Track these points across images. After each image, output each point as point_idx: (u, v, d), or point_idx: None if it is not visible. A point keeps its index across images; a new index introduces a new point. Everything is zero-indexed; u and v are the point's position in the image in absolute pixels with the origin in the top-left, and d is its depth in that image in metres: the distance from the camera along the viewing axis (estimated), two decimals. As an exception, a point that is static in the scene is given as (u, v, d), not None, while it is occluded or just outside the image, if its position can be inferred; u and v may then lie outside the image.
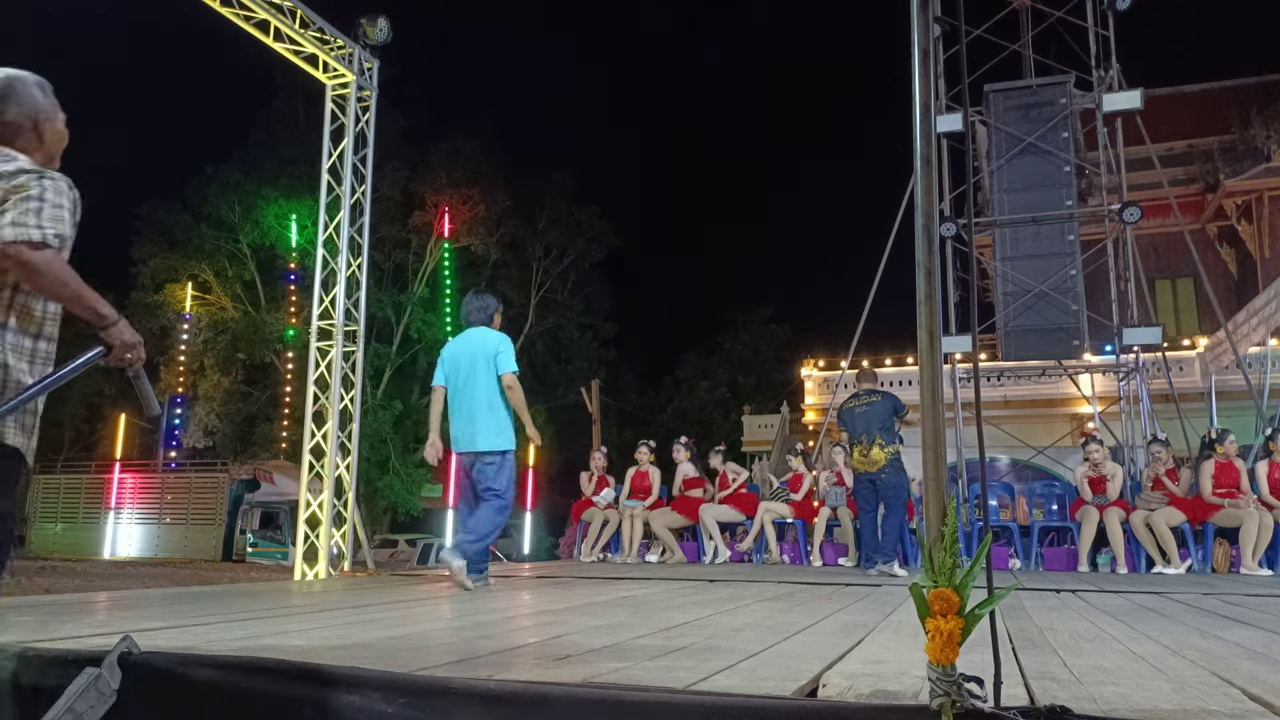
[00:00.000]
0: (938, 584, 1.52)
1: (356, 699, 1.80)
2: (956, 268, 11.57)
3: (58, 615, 3.14)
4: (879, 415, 6.65)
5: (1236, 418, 12.45)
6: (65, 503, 21.31)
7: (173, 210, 24.31)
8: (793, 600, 4.12)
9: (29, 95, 2.38)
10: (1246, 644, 2.70)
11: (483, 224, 24.46)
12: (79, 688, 1.93)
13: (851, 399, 6.99)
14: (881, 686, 1.82)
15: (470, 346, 5.02)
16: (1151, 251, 17.99)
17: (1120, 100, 10.06)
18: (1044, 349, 10.00)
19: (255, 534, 19.68)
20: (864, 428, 6.69)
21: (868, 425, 6.67)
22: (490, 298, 5.20)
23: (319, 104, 7.82)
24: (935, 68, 5.64)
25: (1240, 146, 19.78)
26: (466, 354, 5.00)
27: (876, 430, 6.63)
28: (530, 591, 4.75)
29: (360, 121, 7.71)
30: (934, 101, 2.01)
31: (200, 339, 24.01)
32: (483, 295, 5.21)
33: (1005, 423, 14.86)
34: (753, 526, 8.60)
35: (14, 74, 2.38)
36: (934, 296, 1.91)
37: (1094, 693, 1.82)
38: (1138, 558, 7.35)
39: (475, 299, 5.19)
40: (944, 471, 1.85)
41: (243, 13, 6.81)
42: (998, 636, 1.67)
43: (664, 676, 1.91)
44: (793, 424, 22.69)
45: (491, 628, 2.97)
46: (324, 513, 7.23)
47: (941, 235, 10.50)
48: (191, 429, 23.90)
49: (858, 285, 13.88)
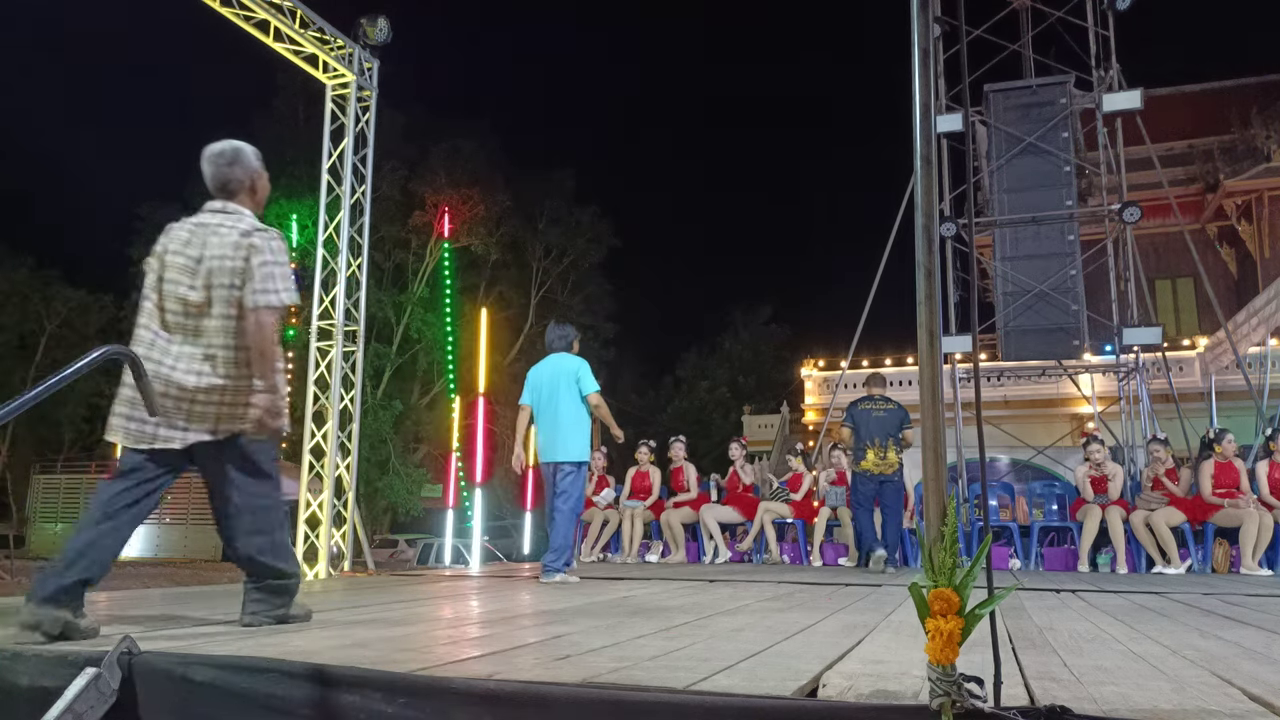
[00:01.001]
0: (938, 584, 1.52)
1: (356, 699, 1.80)
2: (956, 268, 11.57)
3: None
4: (893, 423, 7.05)
5: (1236, 418, 12.45)
6: (65, 503, 21.29)
7: (173, 210, 24.22)
8: (793, 600, 4.12)
9: (249, 159, 3.10)
10: (1246, 644, 2.70)
11: (483, 224, 24.44)
12: (79, 688, 1.94)
13: (866, 400, 7.24)
14: (881, 686, 1.82)
15: (553, 369, 5.69)
16: (1151, 251, 17.98)
17: (1120, 100, 10.06)
18: (1044, 349, 10.00)
19: (255, 534, 19.64)
20: (878, 431, 7.03)
21: (883, 430, 7.03)
22: (570, 327, 5.93)
23: (319, 104, 7.81)
24: (935, 68, 5.64)
25: (1240, 146, 19.78)
26: (550, 376, 5.67)
27: (890, 436, 7.01)
28: (530, 591, 4.76)
29: (360, 121, 7.71)
30: (934, 101, 2.01)
31: (200, 339, 23.99)
32: (563, 325, 5.95)
33: (1005, 423, 14.87)
34: (753, 527, 8.60)
35: (238, 144, 3.11)
36: (934, 296, 1.90)
37: (1094, 693, 1.82)
38: (1138, 558, 7.35)
39: (556, 329, 5.92)
40: (944, 471, 1.84)
41: (243, 13, 6.80)
42: (998, 636, 1.67)
43: (664, 676, 1.90)
44: (793, 424, 22.71)
45: (492, 628, 2.97)
46: (324, 513, 7.23)
47: (941, 235, 10.50)
48: (191, 429, 23.85)
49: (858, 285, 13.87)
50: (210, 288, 2.92)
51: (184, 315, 2.93)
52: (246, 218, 3.03)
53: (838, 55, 76.22)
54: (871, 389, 7.32)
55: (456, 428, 17.45)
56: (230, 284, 2.92)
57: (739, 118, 71.65)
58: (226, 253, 2.94)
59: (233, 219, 3.02)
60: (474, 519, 10.35)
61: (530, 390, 5.77)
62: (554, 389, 5.60)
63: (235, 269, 2.92)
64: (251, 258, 2.90)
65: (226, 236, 2.96)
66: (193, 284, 2.93)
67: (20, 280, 25.18)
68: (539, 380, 5.73)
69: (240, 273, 2.92)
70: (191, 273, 2.94)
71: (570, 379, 5.59)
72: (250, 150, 3.12)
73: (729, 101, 71.62)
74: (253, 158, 3.11)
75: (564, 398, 5.57)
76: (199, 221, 3.03)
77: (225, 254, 2.93)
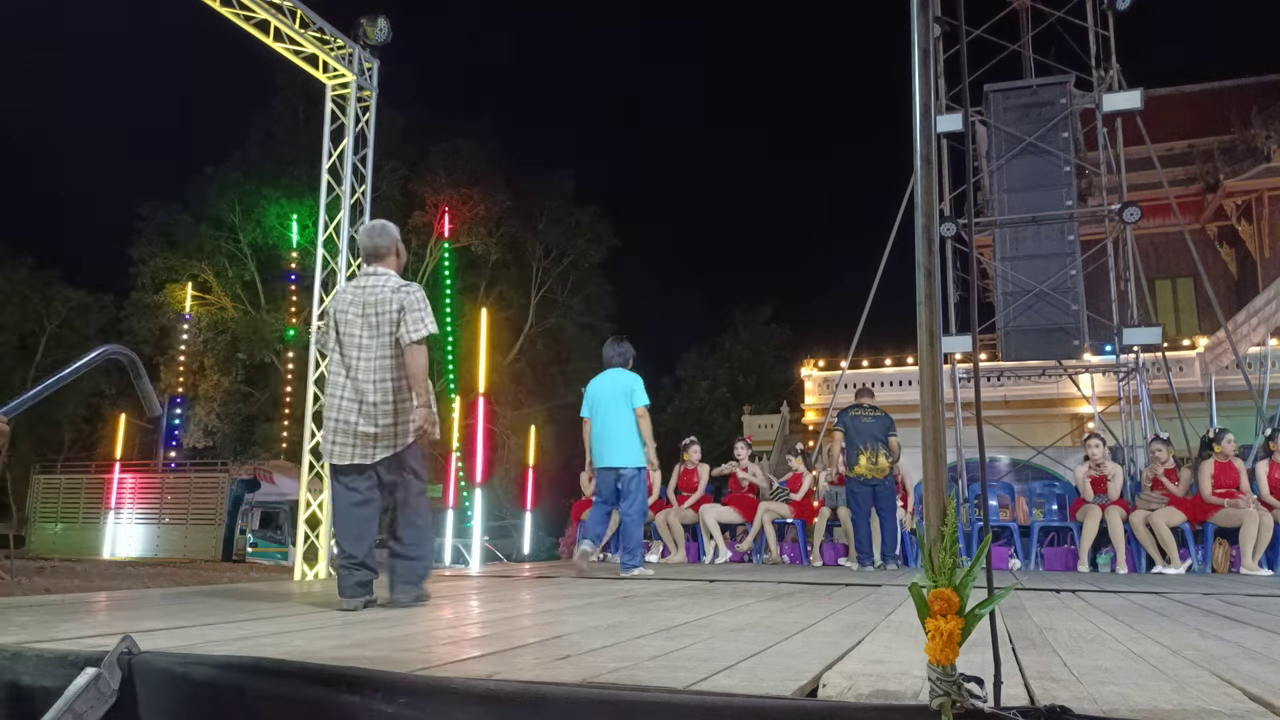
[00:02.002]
0: (938, 584, 1.52)
1: (356, 699, 1.80)
2: (956, 268, 11.57)
3: (58, 615, 3.14)
4: (880, 429, 7.32)
5: (1236, 418, 12.44)
6: (65, 503, 21.28)
7: (173, 210, 24.31)
8: (793, 600, 4.12)
9: (392, 232, 4.02)
10: (1246, 644, 2.70)
11: (483, 224, 24.45)
12: (79, 688, 1.93)
13: (855, 408, 7.51)
14: (881, 686, 1.82)
15: (612, 384, 6.14)
16: (1151, 251, 17.98)
17: (1120, 100, 10.05)
18: (1044, 349, 9.99)
19: (255, 534, 19.65)
20: (868, 435, 7.28)
21: (873, 435, 7.28)
22: (627, 345, 6.32)
23: (319, 104, 7.81)
24: (935, 68, 5.64)
25: (1240, 146, 19.78)
26: (608, 390, 6.13)
27: (879, 441, 7.27)
28: (530, 591, 4.76)
29: (360, 121, 7.71)
30: (934, 101, 2.01)
31: (200, 339, 24.00)
32: (621, 343, 6.32)
33: (1005, 423, 14.86)
34: (753, 527, 8.60)
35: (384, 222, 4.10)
36: (934, 296, 1.90)
37: (1094, 693, 1.82)
38: (1138, 558, 7.35)
39: (615, 346, 6.31)
40: (944, 471, 1.84)
41: (243, 13, 6.80)
42: (998, 636, 1.67)
43: (664, 676, 1.90)
44: (793, 424, 22.70)
45: (491, 628, 2.97)
46: (324, 513, 7.23)
47: (941, 235, 10.50)
48: (191, 429, 23.88)
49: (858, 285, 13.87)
50: (377, 332, 3.81)
51: (359, 356, 3.80)
52: (394, 276, 3.93)
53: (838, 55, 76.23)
54: (860, 398, 7.63)
55: (456, 428, 17.46)
56: (390, 329, 3.80)
57: (739, 117, 71.68)
58: (385, 304, 3.82)
59: (383, 278, 3.90)
60: (474, 519, 10.35)
61: (588, 403, 6.23)
62: (613, 401, 6.09)
63: (392, 317, 3.80)
64: (404, 305, 3.79)
65: (382, 292, 3.84)
66: (363, 331, 3.83)
67: (20, 280, 25.18)
68: (597, 393, 6.18)
69: (396, 318, 3.80)
70: (361, 323, 3.83)
71: (627, 394, 6.07)
72: (393, 226, 4.08)
73: (729, 101, 71.64)
74: (394, 231, 4.06)
75: (623, 409, 6.05)
76: (359, 284, 3.92)
77: (384, 305, 3.82)
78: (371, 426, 3.74)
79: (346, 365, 3.81)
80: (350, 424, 3.75)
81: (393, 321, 3.79)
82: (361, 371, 3.78)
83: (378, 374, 3.77)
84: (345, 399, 3.78)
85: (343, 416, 3.76)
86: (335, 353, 3.85)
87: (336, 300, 3.96)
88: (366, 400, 3.75)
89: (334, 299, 4.00)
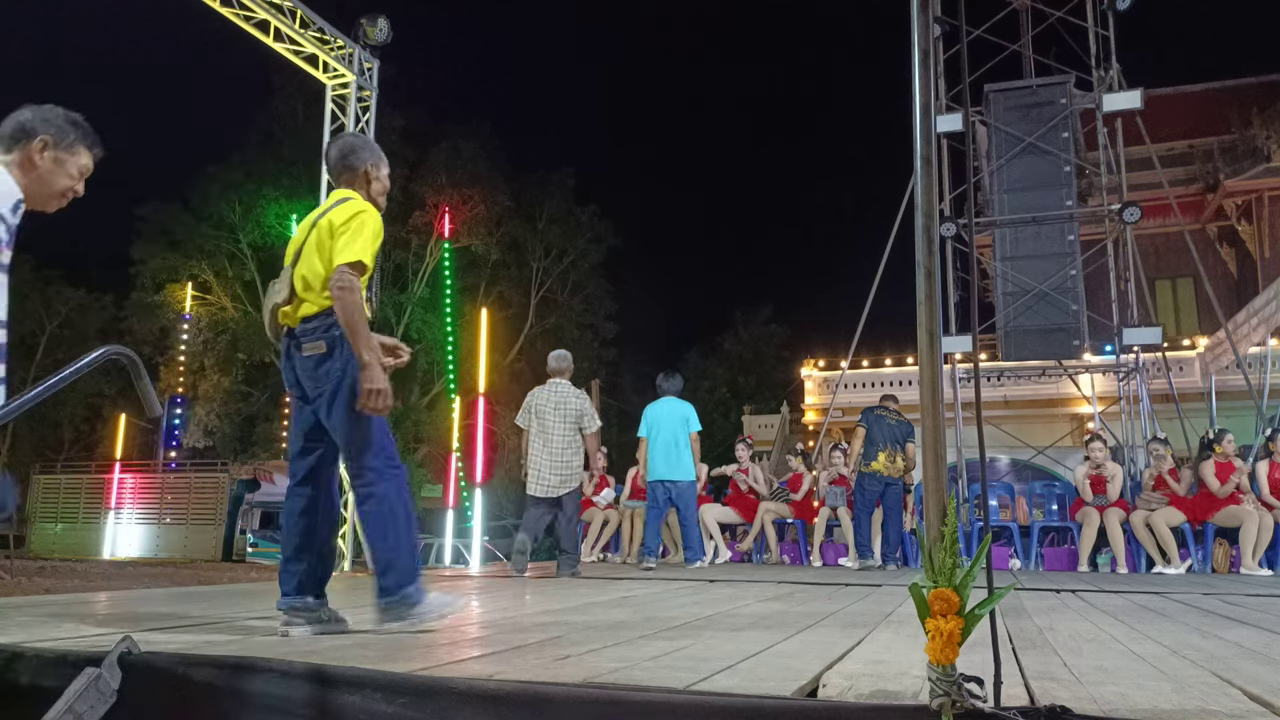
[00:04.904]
0: (938, 584, 1.52)
1: (356, 699, 1.80)
2: (956, 268, 11.57)
3: (58, 615, 3.13)
4: (902, 433, 7.55)
5: (1236, 418, 12.43)
6: (65, 503, 21.27)
7: (173, 210, 24.28)
8: (793, 600, 4.12)
9: (567, 354, 6.69)
10: (1246, 644, 2.70)
11: (483, 224, 24.43)
12: (79, 688, 1.93)
13: (881, 408, 7.67)
14: (881, 686, 1.82)
15: (669, 410, 7.22)
16: (1151, 251, 17.98)
17: (1120, 100, 10.05)
18: (1044, 349, 9.99)
19: (255, 534, 19.65)
20: (890, 437, 7.48)
21: (894, 436, 7.49)
22: (679, 378, 7.44)
23: (319, 104, 7.81)
24: (935, 68, 5.64)
25: (1240, 146, 19.78)
26: (665, 415, 7.21)
27: (899, 444, 7.49)
28: (530, 591, 4.76)
29: (360, 121, 7.71)
30: (934, 101, 2.01)
31: (200, 339, 23.99)
32: (673, 377, 7.38)
33: (1005, 423, 14.87)
34: (753, 527, 8.60)
35: (562, 350, 6.78)
36: (934, 296, 1.90)
37: (1094, 693, 1.82)
38: (1138, 558, 7.35)
39: (668, 379, 7.35)
40: (944, 471, 1.84)
41: (243, 13, 6.80)
42: (998, 636, 1.66)
43: (664, 676, 1.90)
44: (793, 424, 22.70)
45: (492, 628, 2.97)
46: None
47: (941, 235, 10.50)
48: (191, 429, 23.88)
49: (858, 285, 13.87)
50: (565, 422, 6.24)
51: (553, 437, 6.23)
52: (571, 385, 6.42)
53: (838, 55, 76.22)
54: (885, 401, 7.80)
55: (456, 428, 17.46)
56: (576, 422, 6.30)
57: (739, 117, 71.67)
58: (570, 404, 6.32)
59: (565, 386, 6.42)
60: (474, 519, 10.35)
61: (646, 424, 7.27)
62: (670, 424, 7.14)
63: (575, 412, 6.32)
64: (582, 406, 6.40)
65: (567, 395, 6.36)
66: (555, 421, 6.27)
67: (20, 280, 25.15)
68: (656, 417, 7.22)
69: (579, 414, 6.33)
70: (556, 415, 6.28)
71: (683, 420, 7.17)
72: (566, 352, 6.73)
73: (729, 101, 71.63)
74: (568, 354, 6.69)
75: (679, 432, 7.12)
76: (549, 390, 6.39)
77: (569, 404, 6.31)
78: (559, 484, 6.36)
79: (548, 443, 6.39)
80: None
81: (577, 415, 6.40)
82: (556, 447, 6.33)
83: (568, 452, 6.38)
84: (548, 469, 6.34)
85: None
86: (539, 439, 6.39)
87: (536, 399, 6.48)
88: (559, 464, 6.37)
89: (531, 398, 6.56)
